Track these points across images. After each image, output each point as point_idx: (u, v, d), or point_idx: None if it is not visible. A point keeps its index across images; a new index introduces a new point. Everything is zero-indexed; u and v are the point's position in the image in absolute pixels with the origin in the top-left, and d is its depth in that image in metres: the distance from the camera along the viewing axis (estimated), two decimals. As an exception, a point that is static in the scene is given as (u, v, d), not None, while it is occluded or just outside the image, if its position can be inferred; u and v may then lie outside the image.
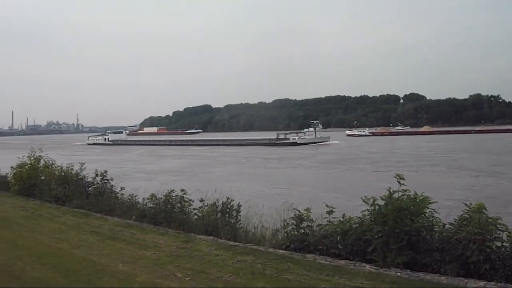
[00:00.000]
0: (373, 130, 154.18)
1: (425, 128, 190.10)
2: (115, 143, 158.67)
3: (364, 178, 44.74)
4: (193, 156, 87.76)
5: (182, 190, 13.71)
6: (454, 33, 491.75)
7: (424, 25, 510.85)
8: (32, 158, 21.27)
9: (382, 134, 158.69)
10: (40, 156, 21.46)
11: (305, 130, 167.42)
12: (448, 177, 44.99)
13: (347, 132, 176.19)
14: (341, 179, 46.57)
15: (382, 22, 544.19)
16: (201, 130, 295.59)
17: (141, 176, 48.64)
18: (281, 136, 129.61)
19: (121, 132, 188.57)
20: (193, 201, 13.44)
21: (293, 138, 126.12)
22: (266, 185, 40.00)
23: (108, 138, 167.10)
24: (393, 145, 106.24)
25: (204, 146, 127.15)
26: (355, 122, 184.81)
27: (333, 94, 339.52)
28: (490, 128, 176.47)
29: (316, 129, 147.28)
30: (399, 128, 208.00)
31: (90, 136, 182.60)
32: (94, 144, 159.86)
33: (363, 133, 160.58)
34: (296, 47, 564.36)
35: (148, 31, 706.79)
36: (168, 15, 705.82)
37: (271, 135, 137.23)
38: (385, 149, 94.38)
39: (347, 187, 38.08)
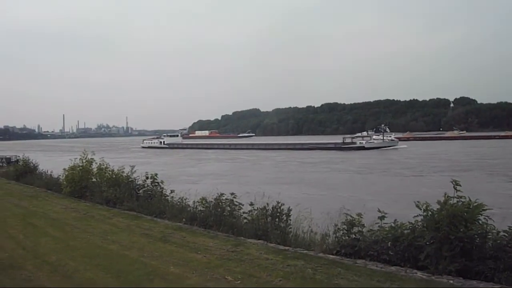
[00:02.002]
0: (399, 135, 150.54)
1: (451, 133, 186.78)
2: (171, 146, 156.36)
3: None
4: (266, 160, 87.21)
5: (232, 193, 13.77)
6: (507, 37, 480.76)
7: (476, 28, 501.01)
8: (84, 161, 21.64)
9: (407, 139, 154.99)
10: (92, 159, 21.82)
11: (363, 133, 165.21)
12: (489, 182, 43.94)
13: (374, 136, 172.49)
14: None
15: (434, 25, 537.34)
16: (253, 134, 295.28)
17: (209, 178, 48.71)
18: (348, 140, 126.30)
19: (177, 136, 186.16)
20: (243, 205, 13.48)
21: (360, 142, 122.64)
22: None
23: (164, 142, 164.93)
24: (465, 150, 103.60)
25: (265, 150, 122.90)
26: (383, 125, 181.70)
27: (382, 98, 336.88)
28: None
29: (384, 133, 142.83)
30: (455, 132, 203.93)
31: (145, 139, 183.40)
32: (149, 147, 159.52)
33: (390, 138, 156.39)
34: (342, 52, 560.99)
35: (200, 39, 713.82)
36: (219, 22, 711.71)
37: (324, 139, 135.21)
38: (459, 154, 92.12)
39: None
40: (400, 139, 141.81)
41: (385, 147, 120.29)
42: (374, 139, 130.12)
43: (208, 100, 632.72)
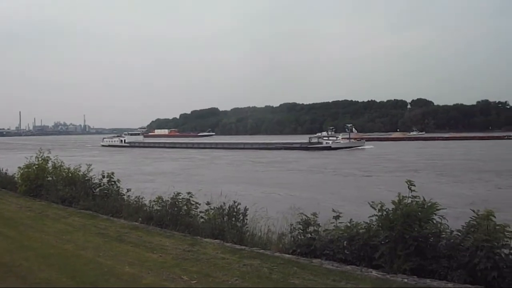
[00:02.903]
0: (346, 136, 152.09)
1: (397, 134, 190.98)
2: (132, 145, 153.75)
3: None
4: (221, 159, 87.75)
5: (189, 193, 13.73)
6: (462, 39, 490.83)
7: (431, 30, 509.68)
8: (40, 159, 21.32)
9: (361, 139, 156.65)
10: (48, 157, 21.51)
11: (323, 133, 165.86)
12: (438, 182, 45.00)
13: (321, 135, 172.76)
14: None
15: (389, 27, 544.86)
16: (213, 133, 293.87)
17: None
18: (314, 140, 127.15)
19: (138, 134, 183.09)
20: (199, 204, 13.46)
21: (326, 142, 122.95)
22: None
23: (124, 140, 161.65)
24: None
25: (230, 150, 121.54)
26: (331, 127, 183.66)
27: (341, 98, 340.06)
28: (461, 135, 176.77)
29: (350, 133, 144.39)
30: (414, 133, 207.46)
31: (105, 138, 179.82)
32: (109, 146, 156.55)
33: (337, 140, 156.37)
34: (303, 51, 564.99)
35: (156, 35, 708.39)
36: (176, 18, 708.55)
37: (283, 139, 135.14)
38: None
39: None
40: (347, 138, 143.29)
41: (352, 147, 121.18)
42: (339, 139, 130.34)
43: (166, 99, 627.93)
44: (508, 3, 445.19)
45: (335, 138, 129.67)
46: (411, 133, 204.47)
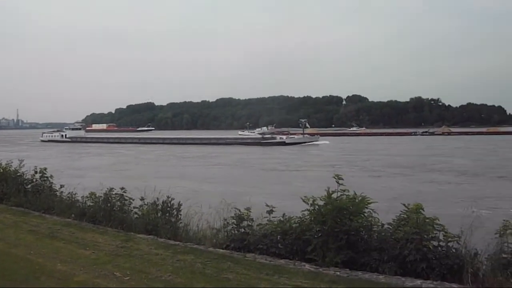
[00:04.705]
0: (267, 131, 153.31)
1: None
2: (73, 140, 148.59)
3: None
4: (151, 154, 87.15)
5: (122, 188, 13.54)
6: (398, 37, 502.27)
7: (367, 28, 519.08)
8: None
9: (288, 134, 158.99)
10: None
11: (263, 128, 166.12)
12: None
13: (239, 132, 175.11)
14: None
15: (326, 25, 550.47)
16: (153, 128, 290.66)
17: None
18: (267, 136, 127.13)
19: (80, 129, 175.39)
20: (133, 200, 13.30)
21: (280, 138, 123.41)
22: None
23: (65, 135, 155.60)
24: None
25: (179, 145, 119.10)
26: (247, 123, 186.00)
27: (277, 94, 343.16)
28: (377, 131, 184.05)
29: (304, 128, 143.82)
30: (354, 129, 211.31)
31: (44, 133, 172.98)
32: (49, 141, 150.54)
33: (253, 135, 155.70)
34: (239, 46, 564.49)
35: (91, 27, 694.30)
36: (108, 11, 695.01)
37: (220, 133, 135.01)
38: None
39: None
40: (274, 133, 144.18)
41: (306, 142, 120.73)
42: (249, 133, 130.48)
43: (101, 93, 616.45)
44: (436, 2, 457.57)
45: (252, 134, 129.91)
46: (351, 129, 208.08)
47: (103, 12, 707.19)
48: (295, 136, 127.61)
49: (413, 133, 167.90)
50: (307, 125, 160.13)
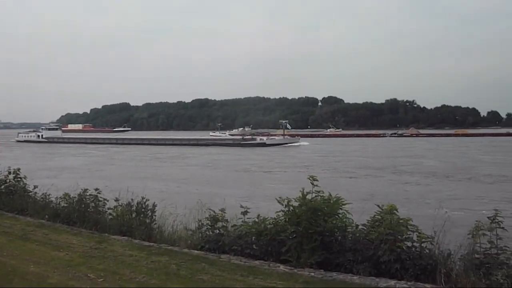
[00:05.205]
0: (232, 132, 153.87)
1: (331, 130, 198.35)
2: (50, 140, 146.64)
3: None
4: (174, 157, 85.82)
5: (97, 189, 13.47)
6: (373, 39, 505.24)
7: (344, 29, 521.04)
8: None
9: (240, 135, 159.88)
10: None
11: (240, 129, 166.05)
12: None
13: (211, 133, 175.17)
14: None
15: (303, 25, 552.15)
16: (130, 129, 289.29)
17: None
18: (247, 137, 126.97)
19: (57, 129, 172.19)
20: (107, 201, 13.24)
21: (260, 139, 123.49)
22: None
23: (42, 135, 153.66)
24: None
25: (158, 146, 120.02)
26: (219, 124, 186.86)
27: (253, 95, 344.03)
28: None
29: (284, 129, 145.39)
30: (332, 130, 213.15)
31: (20, 133, 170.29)
32: (25, 141, 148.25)
33: (224, 136, 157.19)
34: (220, 48, 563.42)
35: (68, 25, 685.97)
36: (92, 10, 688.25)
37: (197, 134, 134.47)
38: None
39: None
40: (281, 135, 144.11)
41: (286, 143, 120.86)
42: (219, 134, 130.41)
43: (76, 93, 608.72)
44: (413, 5, 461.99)
45: (223, 135, 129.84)
46: (328, 130, 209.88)
47: (83, 11, 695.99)
48: (276, 137, 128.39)
49: (382, 135, 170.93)
50: (288, 126, 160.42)
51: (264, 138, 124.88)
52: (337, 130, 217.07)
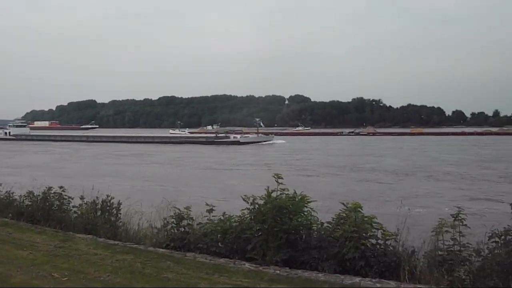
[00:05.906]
0: (193, 130, 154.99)
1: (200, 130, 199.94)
2: (18, 138, 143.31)
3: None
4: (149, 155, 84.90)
5: (61, 187, 13.35)
6: (341, 39, 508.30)
7: (304, 28, 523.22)
8: None
9: (200, 133, 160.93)
10: None
11: (208, 127, 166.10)
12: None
13: (170, 131, 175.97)
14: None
15: (269, 25, 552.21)
16: (97, 126, 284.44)
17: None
18: (221, 134, 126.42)
19: (24, 126, 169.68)
20: (72, 199, 13.11)
21: (234, 137, 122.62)
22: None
23: (9, 132, 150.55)
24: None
25: (129, 144, 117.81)
26: (178, 122, 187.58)
27: (220, 93, 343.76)
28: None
29: (258, 127, 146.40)
30: (300, 128, 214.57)
31: None
32: None
33: (184, 134, 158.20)
34: (187, 46, 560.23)
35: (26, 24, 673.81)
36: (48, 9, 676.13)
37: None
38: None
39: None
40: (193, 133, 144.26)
41: (261, 142, 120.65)
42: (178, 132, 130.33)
43: (41, 90, 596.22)
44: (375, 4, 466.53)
45: (183, 133, 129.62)
46: (296, 129, 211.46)
47: (30, 10, 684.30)
48: (250, 135, 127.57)
49: (339, 133, 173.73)
50: (261, 124, 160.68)
51: (238, 136, 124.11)
52: (305, 128, 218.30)
